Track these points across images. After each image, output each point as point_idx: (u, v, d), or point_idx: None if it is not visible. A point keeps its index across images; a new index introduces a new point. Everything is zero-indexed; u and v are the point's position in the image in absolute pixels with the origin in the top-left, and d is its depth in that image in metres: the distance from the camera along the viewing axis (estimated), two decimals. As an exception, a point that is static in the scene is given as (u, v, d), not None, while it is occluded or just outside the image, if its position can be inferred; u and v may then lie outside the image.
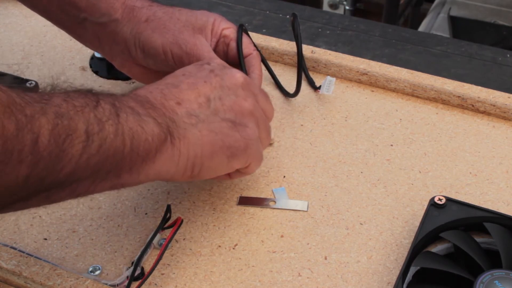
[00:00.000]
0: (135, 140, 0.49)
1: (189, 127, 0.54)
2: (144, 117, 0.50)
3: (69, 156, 0.44)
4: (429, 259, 0.56)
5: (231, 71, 0.59)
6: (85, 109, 0.46)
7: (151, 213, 0.64)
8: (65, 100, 0.45)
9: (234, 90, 0.57)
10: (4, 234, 0.62)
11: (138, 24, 0.65)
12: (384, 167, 0.68)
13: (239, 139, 0.56)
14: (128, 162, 0.49)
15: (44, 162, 0.43)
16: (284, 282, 0.57)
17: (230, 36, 0.69)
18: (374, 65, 0.78)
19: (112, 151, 0.47)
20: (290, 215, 0.63)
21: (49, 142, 0.43)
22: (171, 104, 0.54)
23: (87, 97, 0.48)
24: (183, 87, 0.56)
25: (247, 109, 0.57)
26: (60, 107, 0.44)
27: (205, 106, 0.55)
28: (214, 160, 0.55)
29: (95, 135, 0.46)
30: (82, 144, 0.45)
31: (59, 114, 0.44)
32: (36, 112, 0.42)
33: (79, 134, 0.45)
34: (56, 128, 0.43)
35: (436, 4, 1.55)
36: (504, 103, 0.73)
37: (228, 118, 0.56)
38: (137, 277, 0.56)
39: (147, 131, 0.50)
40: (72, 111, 0.45)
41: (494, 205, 0.64)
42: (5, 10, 0.92)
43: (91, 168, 0.46)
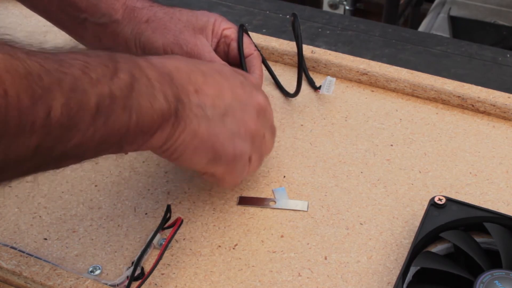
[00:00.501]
0: (142, 115, 0.49)
1: (192, 116, 0.54)
2: (157, 92, 0.51)
3: (78, 128, 0.45)
4: (429, 259, 0.56)
5: (257, 93, 0.60)
6: (101, 81, 0.46)
7: (151, 213, 0.64)
8: (83, 72, 0.45)
9: (250, 110, 0.58)
10: (4, 234, 0.62)
11: (139, 24, 0.65)
12: (384, 167, 0.68)
13: (230, 151, 0.57)
14: (132, 136, 0.50)
15: (54, 133, 0.43)
16: (284, 282, 0.57)
17: (231, 36, 0.69)
18: (374, 65, 0.78)
19: (118, 125, 0.48)
20: (290, 215, 0.63)
21: (61, 115, 0.43)
22: (189, 88, 0.54)
23: (106, 65, 0.47)
24: (209, 80, 0.56)
25: (252, 130, 0.58)
26: (76, 80, 0.44)
27: (217, 107, 0.56)
28: (196, 156, 0.56)
29: (104, 109, 0.46)
30: (91, 117, 0.45)
31: (74, 87, 0.44)
32: (52, 83, 0.42)
33: (90, 107, 0.45)
34: (70, 101, 0.43)
35: (436, 4, 1.55)
36: (504, 103, 0.73)
37: (230, 128, 0.56)
38: (137, 277, 0.56)
39: (155, 108, 0.50)
40: (87, 84, 0.45)
41: (494, 205, 0.64)
42: (5, 10, 0.92)
43: (97, 140, 0.47)
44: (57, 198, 0.65)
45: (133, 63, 0.50)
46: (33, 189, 0.66)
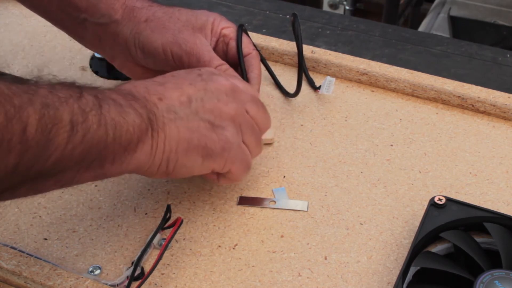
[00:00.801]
0: (117, 130, 0.50)
1: (167, 121, 0.54)
2: (126, 108, 0.51)
3: (55, 145, 0.45)
4: (429, 259, 0.56)
5: (218, 77, 0.60)
6: (69, 100, 0.47)
7: (151, 213, 0.64)
8: (51, 92, 0.46)
9: (217, 95, 0.58)
10: (4, 234, 0.62)
11: (138, 24, 0.65)
12: (384, 167, 0.68)
13: (216, 141, 0.57)
14: (111, 151, 0.50)
15: (32, 151, 0.44)
16: (284, 282, 0.57)
17: (230, 35, 0.69)
18: (374, 65, 0.78)
19: (96, 140, 0.48)
20: (290, 215, 0.63)
21: (37, 132, 0.44)
22: (153, 99, 0.55)
23: (70, 89, 0.48)
24: (168, 86, 0.57)
25: (227, 113, 0.58)
26: (46, 98, 0.45)
27: (186, 105, 0.56)
28: (189, 158, 0.56)
29: (79, 125, 0.47)
30: (67, 133, 0.46)
31: (45, 104, 0.45)
32: (24, 103, 0.43)
33: (64, 124, 0.46)
34: (43, 118, 0.44)
35: (436, 4, 1.55)
36: (504, 103, 0.73)
37: (207, 119, 0.57)
38: (137, 277, 0.56)
39: (129, 121, 0.51)
40: (57, 102, 0.46)
41: (494, 205, 0.64)
42: (5, 10, 0.92)
43: (76, 157, 0.47)
44: (57, 198, 0.65)
45: (95, 89, 0.51)
46: (33, 189, 0.66)
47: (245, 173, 0.61)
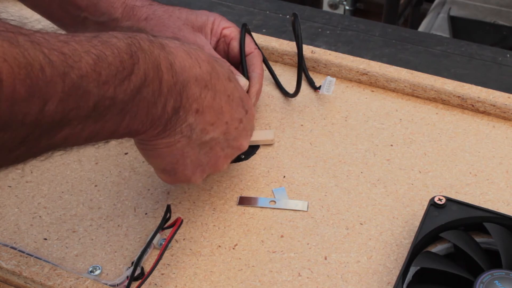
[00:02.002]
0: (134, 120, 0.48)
1: (178, 131, 0.54)
2: (160, 100, 0.49)
3: (69, 124, 0.43)
4: (429, 259, 0.56)
5: (244, 137, 0.60)
6: (109, 82, 0.44)
7: (151, 213, 0.64)
8: (93, 68, 0.43)
9: (229, 151, 0.59)
10: (4, 234, 0.62)
11: (138, 22, 0.66)
12: (384, 167, 0.68)
13: (187, 175, 0.58)
14: (118, 134, 0.49)
15: (44, 127, 0.42)
16: (284, 282, 0.57)
17: (231, 35, 0.69)
18: (374, 65, 0.78)
19: (109, 125, 0.47)
20: (290, 215, 0.63)
21: (56, 111, 0.41)
22: (192, 107, 0.53)
23: (122, 63, 0.45)
24: (215, 105, 0.55)
25: (216, 168, 0.59)
26: (82, 76, 0.42)
27: (204, 134, 0.56)
28: (156, 160, 0.57)
29: (101, 109, 0.45)
30: (84, 116, 0.44)
31: (77, 85, 0.42)
32: (54, 76, 0.40)
33: (87, 107, 0.43)
34: (68, 99, 0.41)
35: (436, 4, 1.55)
36: (504, 103, 0.73)
37: (201, 158, 0.57)
38: (137, 277, 0.56)
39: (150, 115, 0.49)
40: (93, 83, 0.43)
41: (494, 205, 0.64)
42: (5, 10, 0.92)
43: (84, 136, 0.46)
44: (57, 198, 0.65)
45: (153, 64, 0.48)
46: (33, 189, 0.66)
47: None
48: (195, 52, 0.54)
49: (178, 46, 0.53)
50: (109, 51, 0.45)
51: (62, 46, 0.42)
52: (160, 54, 0.50)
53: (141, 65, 0.47)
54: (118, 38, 0.47)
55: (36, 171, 0.68)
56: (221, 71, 0.57)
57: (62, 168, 0.68)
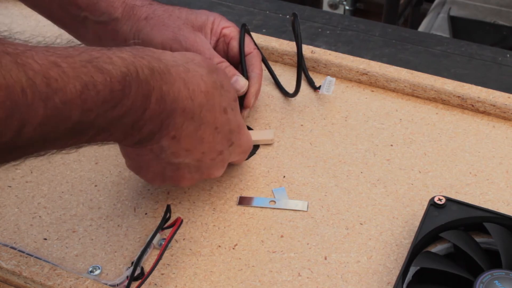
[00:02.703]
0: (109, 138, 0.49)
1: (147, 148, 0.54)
2: (138, 124, 0.50)
3: (43, 142, 0.43)
4: (429, 259, 0.56)
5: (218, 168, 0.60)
6: (93, 109, 0.44)
7: (151, 213, 0.64)
8: (79, 96, 0.42)
9: (196, 175, 0.59)
10: (4, 234, 0.62)
11: (138, 22, 0.66)
12: (384, 167, 0.68)
13: (145, 178, 0.59)
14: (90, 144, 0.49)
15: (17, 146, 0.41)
16: (284, 282, 0.57)
17: (230, 35, 0.69)
18: (374, 65, 0.78)
19: (83, 141, 0.47)
20: (290, 215, 0.63)
21: (34, 133, 0.41)
22: (170, 133, 0.53)
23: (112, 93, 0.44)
24: (195, 136, 0.55)
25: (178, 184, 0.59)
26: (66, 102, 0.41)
27: (175, 157, 0.56)
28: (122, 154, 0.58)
29: (77, 130, 0.44)
30: (61, 136, 0.43)
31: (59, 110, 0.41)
32: (36, 99, 0.40)
33: (65, 129, 0.43)
34: (48, 122, 0.41)
35: (436, 4, 1.55)
36: (504, 103, 0.73)
37: (165, 173, 0.57)
38: (137, 277, 0.56)
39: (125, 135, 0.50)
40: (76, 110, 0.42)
41: (494, 205, 0.64)
42: (5, 10, 0.92)
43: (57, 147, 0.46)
44: (57, 198, 0.65)
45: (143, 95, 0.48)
46: (33, 189, 0.66)
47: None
48: (197, 81, 0.54)
49: (180, 73, 0.52)
50: (101, 79, 0.44)
51: (50, 68, 0.41)
52: (156, 82, 0.49)
53: (131, 96, 0.47)
54: (115, 65, 0.46)
55: (36, 171, 0.68)
56: (218, 102, 0.56)
57: (62, 168, 0.68)
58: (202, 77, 0.54)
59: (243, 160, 0.65)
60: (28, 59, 0.40)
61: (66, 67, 0.42)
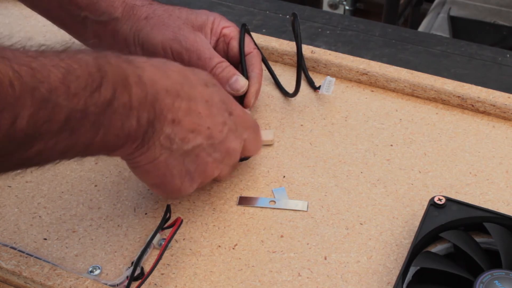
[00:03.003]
0: (108, 134, 0.49)
1: (157, 144, 0.54)
2: (133, 113, 0.50)
3: (41, 138, 0.44)
4: (429, 259, 0.56)
5: (232, 140, 0.58)
6: (79, 94, 0.45)
7: (151, 213, 0.64)
8: (63, 81, 0.44)
9: (217, 155, 0.58)
10: (4, 234, 0.62)
11: (138, 21, 0.66)
12: (384, 167, 0.68)
13: (176, 186, 0.57)
14: (94, 149, 0.50)
15: (16, 141, 0.43)
16: (284, 282, 0.57)
17: (230, 35, 0.69)
18: (374, 65, 0.78)
19: (82, 139, 0.47)
20: (290, 215, 0.63)
21: (27, 124, 0.42)
22: (167, 117, 0.53)
23: (91, 76, 0.46)
24: (192, 112, 0.55)
25: (208, 174, 0.58)
26: (52, 90, 0.43)
27: (186, 142, 0.55)
28: (143, 176, 0.57)
29: (73, 122, 0.45)
30: (57, 129, 0.45)
31: (47, 98, 0.43)
32: (24, 92, 0.41)
33: (59, 120, 0.44)
34: (39, 112, 0.42)
35: (436, 4, 1.55)
36: (504, 103, 0.73)
37: (188, 167, 0.57)
38: (137, 277, 0.56)
39: (125, 128, 0.50)
40: (62, 95, 0.44)
41: (494, 205, 0.64)
42: (5, 10, 0.92)
43: (59, 150, 0.47)
44: (57, 198, 0.65)
45: (121, 78, 0.49)
46: (33, 189, 0.66)
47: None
48: (164, 65, 0.55)
49: (146, 60, 0.53)
50: (77, 65, 0.45)
51: (31, 61, 0.43)
52: (128, 68, 0.50)
53: (109, 78, 0.47)
54: (85, 53, 0.48)
55: (36, 171, 0.68)
56: (195, 78, 0.56)
57: (62, 168, 0.68)
58: (167, 62, 0.56)
59: (257, 142, 0.62)
60: (10, 54, 0.42)
61: (44, 59, 0.44)
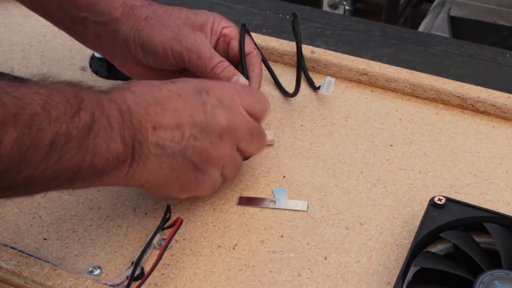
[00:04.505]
0: (96, 157, 0.50)
1: (152, 156, 0.54)
2: (115, 134, 0.51)
3: (29, 163, 0.45)
4: (429, 259, 0.56)
5: (220, 112, 0.57)
6: (60, 119, 0.46)
7: (151, 213, 0.64)
8: (44, 107, 0.45)
9: (211, 136, 0.57)
10: (4, 234, 0.62)
11: (138, 22, 0.66)
12: (384, 167, 0.68)
13: (193, 181, 0.58)
14: (84, 174, 0.50)
15: (3, 166, 0.43)
16: (284, 282, 0.57)
17: (230, 35, 0.69)
18: (374, 65, 0.78)
19: (71, 164, 0.48)
20: (290, 215, 0.63)
21: (12, 149, 0.43)
22: (147, 126, 0.54)
23: (69, 103, 0.48)
24: (169, 112, 0.55)
25: (214, 157, 0.58)
26: (34, 115, 0.44)
27: (177, 141, 0.55)
28: (164, 190, 0.58)
29: (59, 147, 0.46)
30: (43, 154, 0.46)
31: (30, 124, 0.44)
32: (7, 118, 0.43)
33: (44, 145, 0.45)
34: (23, 137, 0.44)
35: (436, 4, 1.55)
36: (504, 103, 0.73)
37: (192, 159, 0.56)
38: (137, 277, 0.56)
39: (111, 150, 0.51)
40: (45, 121, 0.45)
41: (494, 205, 0.64)
42: (5, 10, 0.92)
43: (48, 176, 0.47)
44: (57, 198, 0.65)
45: (97, 103, 0.50)
46: (33, 189, 0.66)
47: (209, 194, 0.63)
48: (126, 85, 0.56)
49: (110, 88, 0.55)
50: (56, 92, 0.47)
51: (13, 90, 0.44)
52: (99, 94, 0.52)
53: (87, 103, 0.49)
54: (60, 83, 0.50)
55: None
56: (159, 83, 0.57)
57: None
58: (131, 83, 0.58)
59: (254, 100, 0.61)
60: None
61: (25, 89, 0.46)
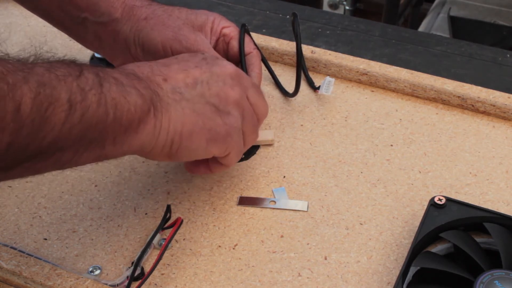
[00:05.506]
0: (118, 110, 0.49)
1: (172, 102, 0.54)
2: (128, 88, 0.51)
3: (52, 124, 0.45)
4: (429, 259, 0.56)
5: (222, 62, 0.60)
6: (67, 78, 0.46)
7: (151, 213, 0.64)
8: (48, 70, 0.46)
9: (222, 78, 0.58)
10: (4, 234, 0.62)
11: (138, 22, 0.66)
12: (384, 167, 0.68)
13: (220, 125, 0.56)
14: (111, 131, 0.49)
15: (26, 129, 0.43)
16: (284, 282, 0.57)
17: (230, 35, 0.69)
18: (374, 65, 0.78)
19: (95, 120, 0.48)
20: (290, 215, 0.63)
21: (32, 110, 0.43)
22: (157, 79, 0.54)
23: (70, 67, 0.48)
24: (173, 67, 0.57)
25: (233, 97, 0.58)
26: (42, 76, 0.45)
27: (192, 86, 0.56)
28: (193, 140, 0.55)
29: (78, 104, 0.46)
30: (64, 113, 0.45)
31: (41, 83, 0.44)
32: (18, 81, 0.43)
33: (62, 103, 0.45)
34: (39, 97, 0.44)
35: (436, 4, 1.55)
36: (504, 103, 0.73)
37: (212, 102, 0.56)
38: (137, 277, 0.56)
39: (130, 101, 0.50)
40: (54, 80, 0.45)
41: (494, 205, 0.64)
42: (5, 10, 0.92)
43: (74, 137, 0.47)
44: (57, 198, 0.65)
45: (97, 68, 0.51)
46: (33, 189, 0.66)
47: (238, 159, 0.61)
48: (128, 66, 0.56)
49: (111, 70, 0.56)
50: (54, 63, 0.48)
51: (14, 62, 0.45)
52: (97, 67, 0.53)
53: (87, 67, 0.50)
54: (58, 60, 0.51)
55: (36, 171, 0.68)
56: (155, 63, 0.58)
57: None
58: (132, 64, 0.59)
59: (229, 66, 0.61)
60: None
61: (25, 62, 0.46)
